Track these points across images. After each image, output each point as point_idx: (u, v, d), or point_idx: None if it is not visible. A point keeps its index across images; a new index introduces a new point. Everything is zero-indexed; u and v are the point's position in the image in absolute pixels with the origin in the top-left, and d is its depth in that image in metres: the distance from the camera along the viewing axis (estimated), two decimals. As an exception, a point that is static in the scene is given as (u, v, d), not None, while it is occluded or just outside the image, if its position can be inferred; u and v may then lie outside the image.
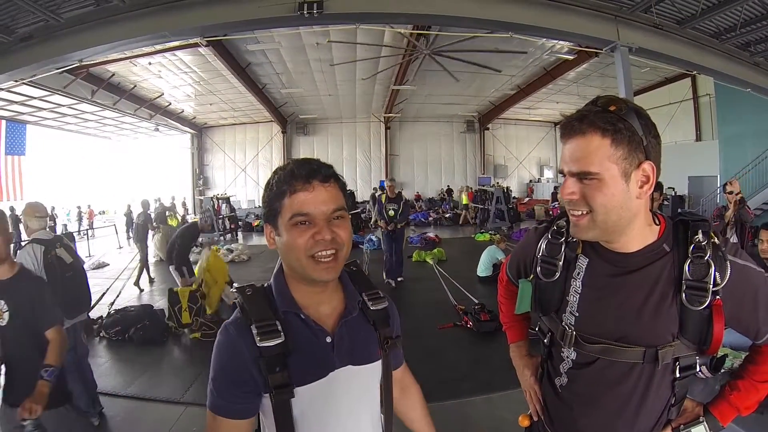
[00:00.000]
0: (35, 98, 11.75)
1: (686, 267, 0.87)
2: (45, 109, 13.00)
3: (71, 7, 5.89)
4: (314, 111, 17.97)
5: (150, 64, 11.53)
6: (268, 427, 0.88)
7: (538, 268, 1.06)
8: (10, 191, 13.07)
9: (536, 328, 1.15)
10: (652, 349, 0.89)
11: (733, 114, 11.47)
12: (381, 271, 6.56)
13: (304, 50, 11.15)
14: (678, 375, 0.92)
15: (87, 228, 16.47)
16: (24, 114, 13.04)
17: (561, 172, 0.92)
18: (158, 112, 15.70)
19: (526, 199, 19.64)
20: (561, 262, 1.01)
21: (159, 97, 14.52)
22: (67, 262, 2.93)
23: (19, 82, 9.17)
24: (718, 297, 0.86)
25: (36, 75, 7.45)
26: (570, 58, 12.01)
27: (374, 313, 0.96)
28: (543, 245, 1.06)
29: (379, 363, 0.95)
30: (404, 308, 5.09)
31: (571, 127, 0.87)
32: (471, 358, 4.05)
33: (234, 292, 0.92)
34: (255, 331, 0.81)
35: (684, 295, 0.87)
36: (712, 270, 0.85)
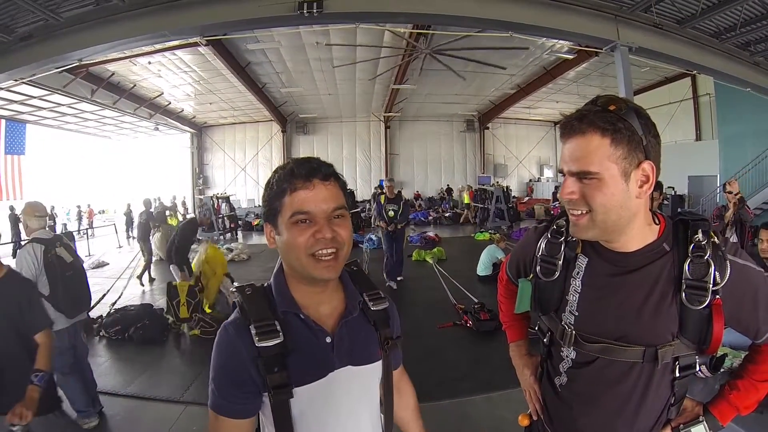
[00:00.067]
0: (35, 97, 11.73)
1: (686, 266, 0.87)
2: (45, 109, 12.98)
3: (71, 7, 5.89)
4: (314, 110, 17.95)
5: (150, 63, 11.51)
6: (267, 426, 0.88)
7: (538, 268, 1.06)
8: (10, 191, 13.06)
9: (536, 328, 1.15)
10: (651, 349, 0.89)
11: (733, 113, 11.47)
12: (381, 270, 6.55)
13: (304, 49, 11.14)
14: (678, 374, 0.92)
15: (87, 227, 16.47)
16: (24, 113, 13.02)
17: (561, 171, 0.92)
18: (158, 112, 15.68)
19: (526, 198, 19.65)
20: (560, 262, 1.01)
21: (159, 96, 14.50)
22: (67, 261, 2.93)
23: (19, 82, 9.15)
24: (717, 296, 0.86)
25: (35, 74, 7.44)
26: (570, 57, 12.00)
27: (375, 313, 0.96)
28: (543, 244, 1.06)
29: (379, 363, 0.95)
30: (404, 307, 5.09)
31: (571, 126, 0.87)
32: (471, 357, 4.04)
33: (234, 291, 0.92)
34: (254, 331, 0.81)
35: (684, 295, 0.87)
36: (712, 269, 0.85)
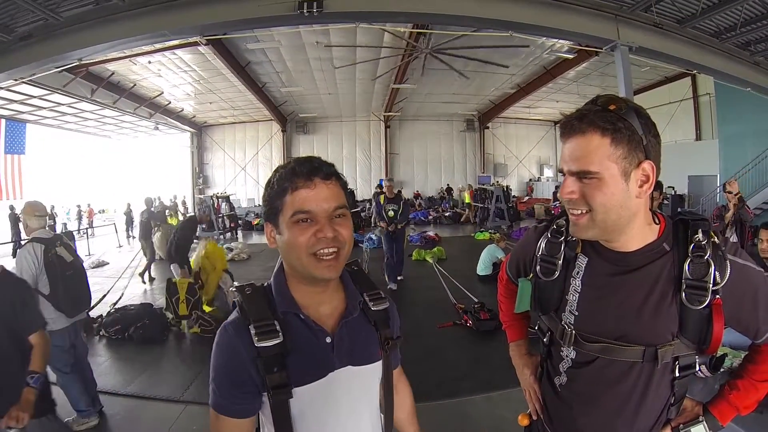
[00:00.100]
0: (35, 97, 11.73)
1: (686, 266, 0.87)
2: (44, 108, 12.98)
3: (70, 6, 5.89)
4: (314, 110, 17.94)
5: (149, 62, 11.51)
6: (267, 426, 0.88)
7: (538, 267, 1.06)
8: (10, 190, 13.06)
9: (536, 327, 1.14)
10: (651, 348, 0.89)
11: (733, 113, 11.46)
12: (381, 270, 6.54)
13: (304, 49, 11.13)
14: (677, 374, 0.92)
15: (87, 227, 16.46)
16: (23, 113, 13.02)
17: (561, 171, 0.92)
18: (158, 111, 15.68)
19: (526, 197, 19.64)
20: (560, 261, 1.01)
21: (158, 95, 14.50)
22: (68, 260, 2.93)
23: (19, 81, 9.16)
24: (717, 296, 0.86)
25: (35, 74, 7.45)
26: (570, 56, 11.99)
27: (375, 313, 0.95)
28: (542, 244, 1.06)
29: (379, 363, 0.95)
30: (404, 307, 5.09)
31: (571, 126, 0.87)
32: (471, 357, 4.04)
33: (233, 291, 0.91)
34: (253, 332, 0.81)
35: (684, 295, 0.87)
36: (712, 269, 0.85)
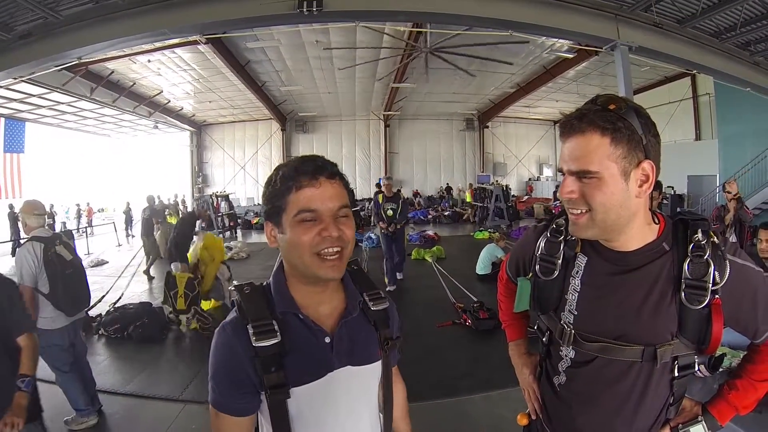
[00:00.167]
0: (34, 96, 11.71)
1: (685, 266, 0.87)
2: (44, 107, 12.97)
3: (70, 5, 5.87)
4: (313, 109, 17.92)
5: (149, 61, 11.49)
6: (265, 425, 0.87)
7: (537, 267, 1.06)
8: (9, 189, 13.05)
9: (535, 327, 1.14)
10: (650, 348, 0.89)
11: (733, 113, 11.45)
12: (380, 269, 6.53)
13: (304, 48, 11.12)
14: (677, 374, 0.92)
15: (86, 226, 16.44)
16: (23, 111, 13.00)
17: (560, 170, 0.92)
18: (157, 110, 15.67)
19: (526, 197, 19.65)
20: (560, 261, 1.01)
21: (158, 94, 14.47)
22: (67, 259, 2.93)
23: (18, 80, 9.15)
24: (717, 296, 0.86)
25: (35, 72, 7.43)
26: (570, 56, 11.99)
27: (375, 313, 0.95)
28: (542, 243, 1.06)
29: (379, 363, 0.95)
30: (403, 306, 5.08)
31: (571, 125, 0.87)
32: (470, 356, 4.04)
33: (233, 290, 0.91)
34: (251, 331, 0.81)
35: (683, 294, 0.87)
36: (712, 269, 0.85)
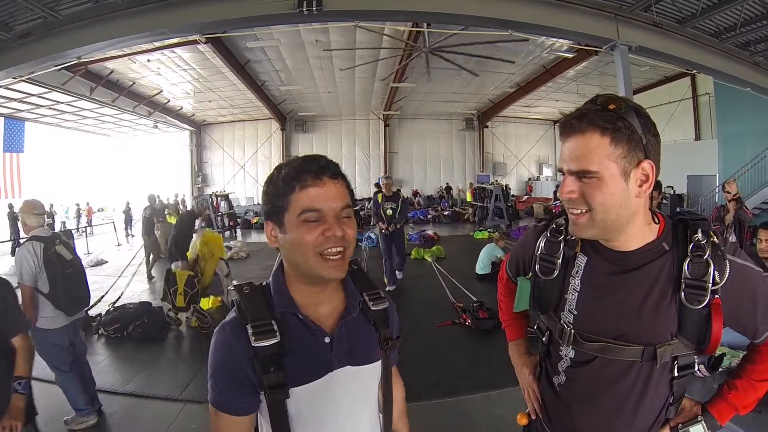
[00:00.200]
0: (33, 95, 11.70)
1: (685, 266, 0.87)
2: (43, 106, 12.96)
3: (69, 4, 5.87)
4: (313, 108, 17.92)
5: (149, 61, 11.48)
6: (264, 425, 0.87)
7: (537, 266, 1.06)
8: (9, 188, 13.04)
9: (535, 327, 1.14)
10: (650, 348, 0.89)
11: (733, 113, 11.45)
12: (380, 269, 6.51)
13: (304, 47, 11.12)
14: (676, 374, 0.92)
15: (85, 225, 16.44)
16: (22, 111, 12.99)
17: (560, 170, 0.92)
18: (157, 109, 15.66)
19: (525, 197, 19.67)
20: (560, 260, 1.01)
21: (158, 94, 14.47)
22: (67, 258, 2.93)
23: (18, 79, 9.13)
24: (716, 296, 0.86)
25: (34, 72, 7.41)
26: (570, 56, 11.99)
27: (375, 313, 0.95)
28: (542, 243, 1.06)
29: (378, 363, 0.94)
30: (403, 306, 5.09)
31: (571, 125, 0.86)
32: (470, 356, 4.04)
33: (232, 290, 0.91)
34: (250, 331, 0.80)
35: (683, 294, 0.87)
36: (711, 269, 0.85)
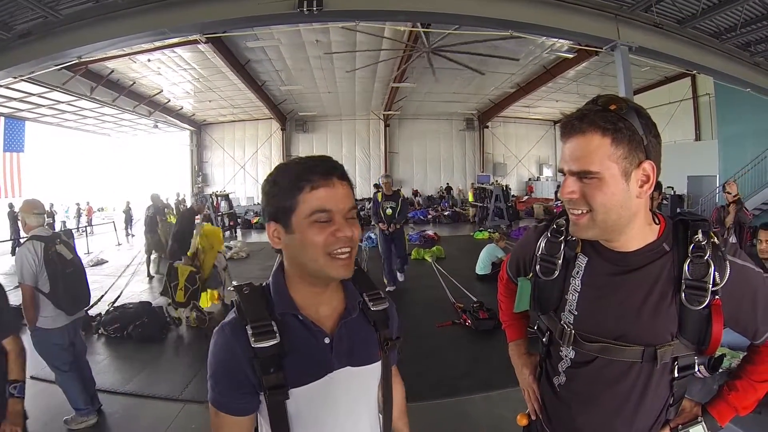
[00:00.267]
0: (34, 95, 11.71)
1: (686, 266, 0.87)
2: (44, 106, 12.97)
3: (70, 4, 5.87)
4: (313, 108, 17.94)
5: (149, 60, 11.50)
6: (264, 426, 0.87)
7: (537, 267, 1.05)
8: (9, 188, 13.05)
9: (535, 327, 1.14)
10: (650, 349, 0.89)
11: (733, 114, 11.46)
12: (379, 269, 6.50)
13: (304, 47, 11.13)
14: (676, 374, 0.92)
15: (86, 225, 16.45)
16: (23, 111, 13.01)
17: (561, 170, 0.91)
18: (157, 109, 15.69)
19: (525, 197, 19.67)
20: (560, 261, 1.01)
21: (158, 93, 14.49)
22: (67, 258, 2.93)
23: (18, 79, 9.15)
24: (717, 297, 0.86)
25: (34, 71, 7.42)
26: (570, 56, 12.00)
27: (375, 313, 0.95)
28: (542, 243, 1.06)
29: (378, 364, 0.94)
30: (403, 307, 5.08)
31: (571, 126, 0.86)
32: (470, 356, 4.04)
33: (232, 290, 0.91)
34: (250, 332, 0.80)
35: (683, 295, 0.86)
36: (712, 270, 0.85)
